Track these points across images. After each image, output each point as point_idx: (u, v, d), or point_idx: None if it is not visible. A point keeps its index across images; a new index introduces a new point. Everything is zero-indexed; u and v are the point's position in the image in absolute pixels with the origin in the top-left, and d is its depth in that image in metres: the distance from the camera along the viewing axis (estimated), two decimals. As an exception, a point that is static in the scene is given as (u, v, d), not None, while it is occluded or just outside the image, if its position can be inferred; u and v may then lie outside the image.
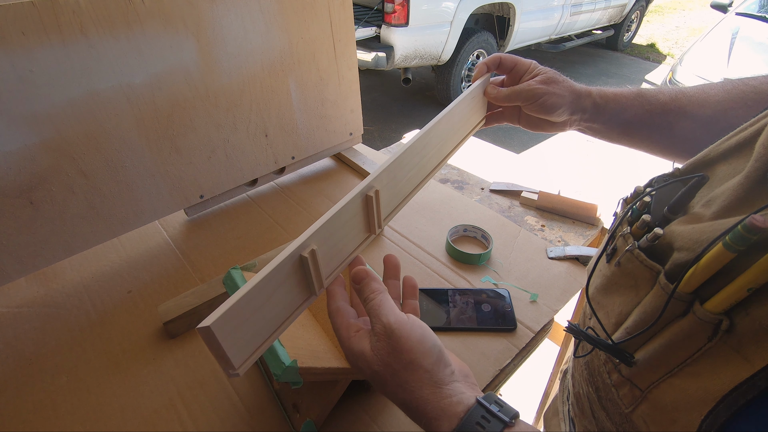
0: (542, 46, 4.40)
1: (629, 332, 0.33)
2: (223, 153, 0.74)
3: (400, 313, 0.34)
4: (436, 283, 0.66)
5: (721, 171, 0.33)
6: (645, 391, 0.32)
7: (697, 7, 8.13)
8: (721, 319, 0.27)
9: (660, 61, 5.39)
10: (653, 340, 0.32)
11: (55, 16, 0.51)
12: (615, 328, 0.36)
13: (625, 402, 0.34)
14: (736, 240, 0.25)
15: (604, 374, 0.38)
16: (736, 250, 0.26)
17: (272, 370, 0.38)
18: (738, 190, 0.29)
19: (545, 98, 0.50)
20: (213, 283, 0.62)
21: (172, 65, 0.62)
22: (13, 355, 0.57)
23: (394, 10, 2.87)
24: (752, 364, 0.25)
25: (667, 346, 0.30)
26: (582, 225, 0.83)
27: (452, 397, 0.31)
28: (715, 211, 0.30)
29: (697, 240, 0.29)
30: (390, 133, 3.36)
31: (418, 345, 0.32)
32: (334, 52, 0.81)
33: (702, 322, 0.28)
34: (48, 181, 0.57)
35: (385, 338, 0.32)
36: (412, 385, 0.31)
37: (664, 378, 0.31)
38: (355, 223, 0.39)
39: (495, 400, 0.31)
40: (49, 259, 0.61)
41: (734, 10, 3.36)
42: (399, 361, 0.31)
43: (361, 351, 0.34)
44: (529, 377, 1.34)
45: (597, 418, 0.40)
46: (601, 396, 0.39)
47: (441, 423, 0.30)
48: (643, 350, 0.32)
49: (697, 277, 0.28)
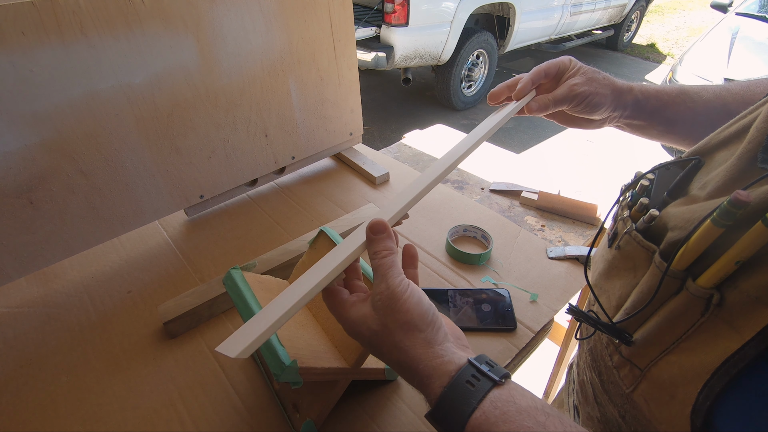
0: (542, 46, 4.39)
1: (628, 313, 0.35)
2: (223, 153, 0.74)
3: (402, 278, 0.34)
4: (436, 283, 0.66)
5: (720, 156, 0.34)
6: (644, 369, 0.33)
7: (697, 7, 8.13)
8: (712, 294, 0.28)
9: (660, 61, 5.39)
10: (650, 320, 0.33)
11: (55, 16, 0.51)
12: (616, 311, 0.37)
13: (626, 383, 0.35)
14: (723, 215, 0.26)
15: (606, 357, 0.39)
16: (724, 225, 0.27)
17: (272, 370, 0.38)
18: (731, 170, 0.30)
19: (590, 98, 0.49)
20: (213, 283, 0.62)
21: (172, 65, 0.62)
22: (13, 355, 0.57)
23: (394, 10, 2.87)
24: (742, 335, 0.26)
25: (663, 324, 0.31)
26: (582, 225, 0.83)
27: (444, 357, 0.31)
28: (709, 191, 0.31)
29: (689, 219, 0.30)
30: (390, 133, 3.36)
31: (416, 307, 0.33)
32: (334, 52, 0.81)
33: (695, 297, 0.29)
34: (48, 181, 0.57)
35: (387, 299, 0.33)
36: (407, 345, 0.32)
37: (661, 356, 0.32)
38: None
39: (486, 360, 0.32)
40: (49, 259, 0.61)
41: (734, 10, 3.36)
42: (396, 322, 0.32)
43: (362, 315, 0.34)
44: (529, 377, 1.34)
45: (600, 403, 0.41)
46: (604, 380, 0.40)
47: (433, 381, 0.30)
48: (642, 330, 0.34)
49: (688, 255, 0.29)
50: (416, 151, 1.12)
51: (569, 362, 0.60)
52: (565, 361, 1.03)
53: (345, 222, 0.73)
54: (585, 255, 0.68)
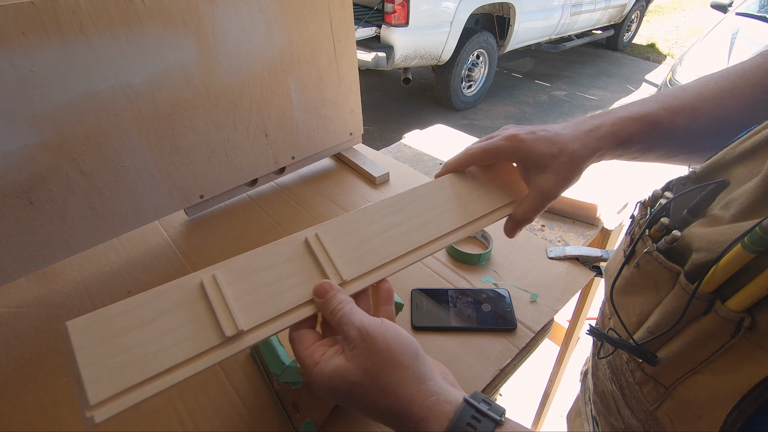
0: (542, 46, 4.39)
1: (651, 332, 0.34)
2: (223, 153, 0.74)
3: (372, 317, 0.32)
4: (436, 283, 0.66)
5: (738, 173, 0.34)
6: (669, 388, 0.33)
7: (697, 7, 8.13)
8: (743, 317, 0.27)
9: (660, 61, 5.39)
10: (676, 339, 0.32)
11: (55, 16, 0.51)
12: (636, 328, 0.36)
13: (650, 399, 0.35)
14: (754, 241, 0.26)
15: (626, 373, 0.38)
16: (755, 250, 0.26)
17: (272, 370, 0.38)
18: (756, 192, 0.29)
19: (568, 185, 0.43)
20: (213, 283, 0.62)
21: (172, 65, 0.62)
22: (13, 355, 0.57)
23: (394, 10, 2.87)
24: None
25: (690, 344, 0.31)
26: (582, 225, 0.83)
27: (438, 395, 0.29)
28: (734, 213, 0.31)
29: (716, 241, 0.30)
30: (390, 133, 3.36)
31: (395, 341, 0.30)
32: (334, 52, 0.81)
33: (724, 320, 0.28)
34: (48, 181, 0.57)
35: (360, 342, 0.30)
36: (394, 386, 0.29)
37: (688, 375, 0.31)
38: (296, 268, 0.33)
39: (482, 398, 0.30)
40: (49, 259, 0.61)
41: (734, 10, 3.36)
42: (378, 363, 0.29)
43: (334, 368, 0.30)
44: (529, 377, 1.34)
45: (622, 415, 0.40)
46: (626, 394, 0.39)
47: (430, 424, 0.28)
48: (666, 348, 0.33)
49: (717, 277, 0.29)
50: (416, 151, 1.12)
51: (582, 370, 0.60)
52: (565, 361, 1.03)
53: (345, 222, 0.73)
54: (585, 255, 0.68)
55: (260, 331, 0.30)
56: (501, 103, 4.00)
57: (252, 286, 0.31)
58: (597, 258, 0.67)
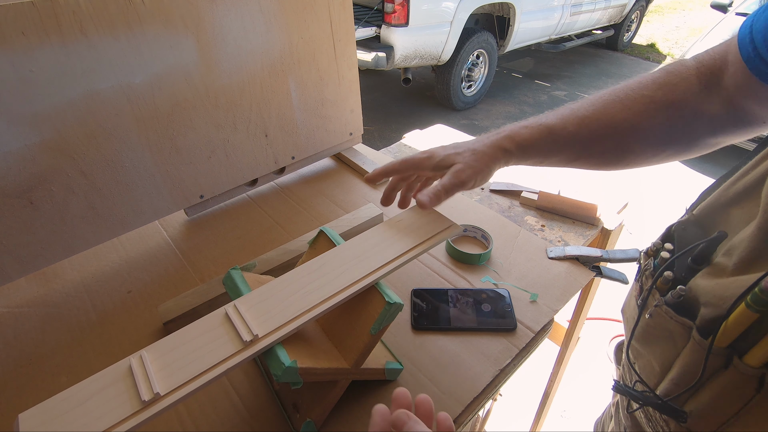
0: (542, 46, 4.39)
1: (677, 383, 0.35)
2: (223, 153, 0.74)
3: None
4: (436, 283, 0.66)
5: (735, 215, 0.35)
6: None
7: (697, 7, 8.12)
8: (765, 372, 0.28)
9: (660, 61, 5.39)
10: (701, 392, 0.33)
11: (55, 16, 0.51)
12: (660, 377, 0.37)
13: None
14: (756, 301, 0.27)
15: (660, 422, 0.39)
16: (758, 310, 0.27)
17: (272, 370, 0.38)
18: (753, 242, 0.31)
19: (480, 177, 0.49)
20: (213, 283, 0.62)
21: (172, 65, 0.62)
22: (13, 355, 0.57)
23: (394, 10, 2.87)
24: None
25: (716, 399, 0.32)
26: (582, 225, 0.83)
27: None
28: (736, 262, 0.32)
29: (722, 296, 0.31)
30: (390, 133, 3.36)
31: None
32: (334, 52, 0.81)
33: (745, 376, 0.29)
34: (48, 181, 0.57)
35: None
36: None
37: (720, 428, 0.32)
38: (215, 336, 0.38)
39: None
40: (49, 259, 0.61)
41: (734, 10, 3.35)
42: None
43: None
44: (529, 377, 1.34)
45: None
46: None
47: None
48: (693, 402, 0.34)
49: (728, 333, 0.30)
50: (416, 151, 1.12)
51: (613, 402, 0.60)
52: (565, 361, 1.03)
53: (345, 222, 0.73)
54: (585, 255, 0.68)
55: (179, 392, 0.36)
56: (501, 103, 4.00)
57: (174, 357, 0.36)
58: (597, 258, 0.67)
